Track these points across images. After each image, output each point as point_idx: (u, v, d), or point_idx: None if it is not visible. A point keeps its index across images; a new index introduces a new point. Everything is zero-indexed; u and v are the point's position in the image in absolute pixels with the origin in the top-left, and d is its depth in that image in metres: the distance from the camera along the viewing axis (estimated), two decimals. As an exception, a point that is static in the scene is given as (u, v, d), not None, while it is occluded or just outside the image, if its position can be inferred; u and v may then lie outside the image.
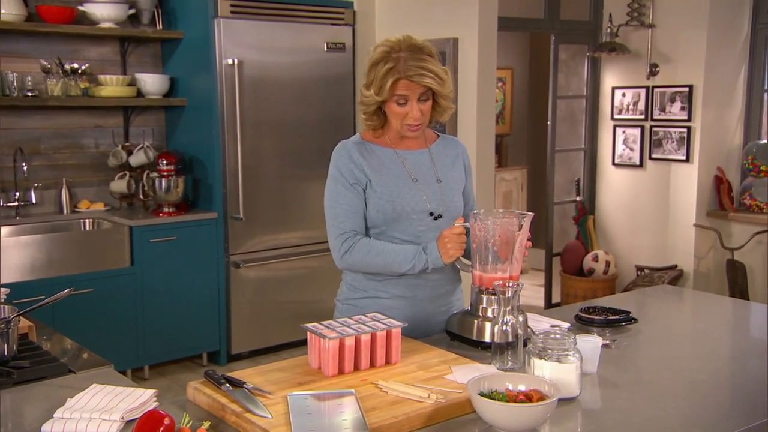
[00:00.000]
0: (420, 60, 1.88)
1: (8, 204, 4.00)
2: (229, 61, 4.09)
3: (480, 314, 1.86)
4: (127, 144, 4.35)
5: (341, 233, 1.96)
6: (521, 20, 5.06)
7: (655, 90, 4.86)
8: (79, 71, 4.04)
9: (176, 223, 4.08)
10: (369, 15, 4.67)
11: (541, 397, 1.40)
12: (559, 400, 1.41)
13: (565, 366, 1.52)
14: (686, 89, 4.68)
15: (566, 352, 1.54)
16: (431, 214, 1.98)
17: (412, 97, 1.90)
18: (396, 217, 1.95)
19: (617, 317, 2.05)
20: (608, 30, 4.89)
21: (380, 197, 1.95)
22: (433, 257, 1.91)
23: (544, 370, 1.52)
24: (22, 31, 3.88)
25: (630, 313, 2.08)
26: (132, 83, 4.25)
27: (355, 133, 2.13)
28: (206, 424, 1.38)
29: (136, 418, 1.37)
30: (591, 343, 1.69)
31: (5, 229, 3.87)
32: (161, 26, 4.30)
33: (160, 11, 4.29)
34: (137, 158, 4.27)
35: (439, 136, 2.12)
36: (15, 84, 3.84)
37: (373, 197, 1.95)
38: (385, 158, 1.99)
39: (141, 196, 4.31)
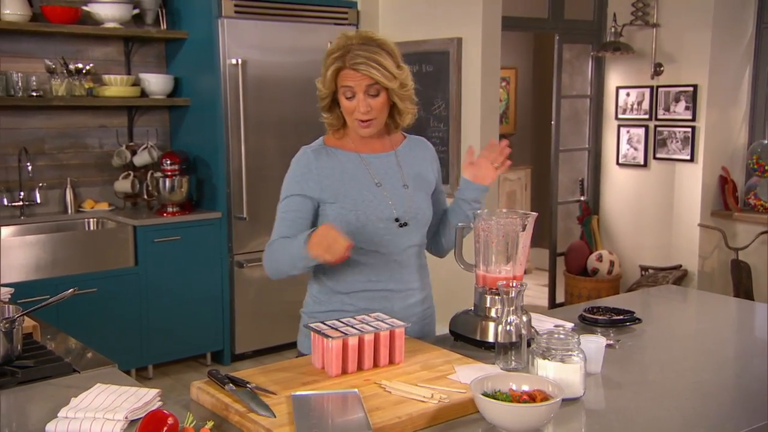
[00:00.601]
0: (369, 51, 1.78)
1: (13, 204, 4.01)
2: (233, 61, 4.09)
3: (484, 314, 1.86)
4: (131, 144, 4.36)
5: (272, 241, 1.87)
6: (525, 20, 5.05)
7: (660, 90, 4.85)
8: (84, 71, 4.05)
9: (180, 222, 4.08)
10: (372, 15, 4.67)
11: (545, 398, 1.40)
12: (563, 400, 1.41)
13: (569, 366, 1.52)
14: (691, 89, 4.67)
15: (570, 353, 1.53)
16: (397, 220, 1.88)
17: (358, 89, 1.80)
18: (360, 226, 1.85)
19: (621, 317, 2.05)
20: (612, 29, 4.88)
21: (343, 206, 1.85)
22: (301, 250, 1.75)
23: (547, 370, 1.52)
24: (27, 31, 3.89)
25: (634, 313, 2.08)
26: (136, 83, 4.25)
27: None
28: (210, 424, 1.38)
29: (139, 418, 1.37)
30: (595, 343, 1.68)
31: (10, 229, 3.88)
32: (165, 26, 4.31)
33: (164, 11, 4.30)
34: (141, 158, 4.28)
35: (406, 137, 2.02)
36: (20, 84, 3.85)
37: (335, 208, 1.86)
38: (347, 164, 1.89)
39: (145, 196, 4.32)
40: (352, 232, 1.83)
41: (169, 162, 4.17)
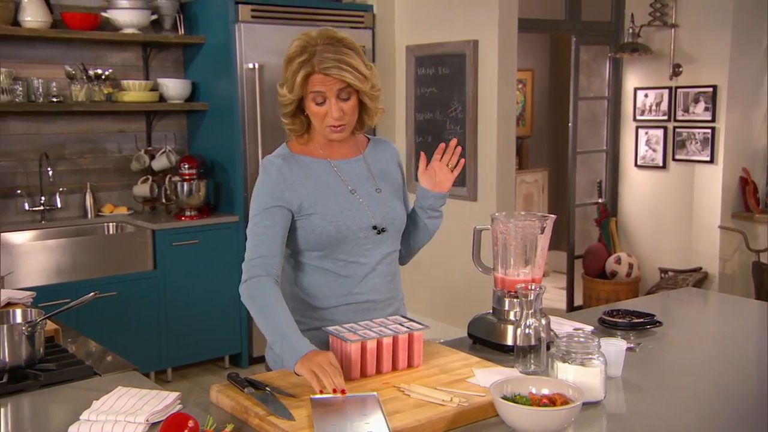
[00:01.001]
0: (337, 53, 1.68)
1: (34, 208, 4.06)
2: (250, 66, 4.12)
3: (502, 317, 1.85)
4: (149, 148, 4.40)
5: (249, 259, 1.74)
6: (542, 21, 5.04)
7: (679, 90, 4.81)
8: (103, 77, 4.09)
9: (198, 226, 4.11)
10: (389, 18, 4.68)
11: (565, 401, 1.39)
12: (584, 404, 1.40)
13: (589, 369, 1.51)
14: (710, 90, 4.62)
15: (590, 356, 1.52)
16: (375, 228, 1.79)
17: (329, 94, 1.70)
18: (341, 238, 1.76)
19: (642, 320, 2.03)
20: (630, 30, 4.85)
21: (323, 218, 1.75)
22: (290, 354, 1.55)
23: (567, 373, 1.51)
24: (47, 37, 3.93)
25: (654, 316, 2.06)
26: (154, 88, 4.29)
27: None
28: (229, 427, 1.38)
29: (160, 421, 1.38)
30: (615, 346, 1.67)
31: (31, 233, 3.92)
32: (183, 31, 4.35)
33: (181, 17, 4.33)
34: (160, 162, 4.31)
35: (369, 139, 1.93)
36: (40, 90, 3.90)
37: (313, 220, 1.75)
38: (320, 172, 1.79)
39: (163, 200, 4.35)
40: (332, 245, 1.76)
41: (187, 166, 4.20)
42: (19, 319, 1.79)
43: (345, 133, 1.78)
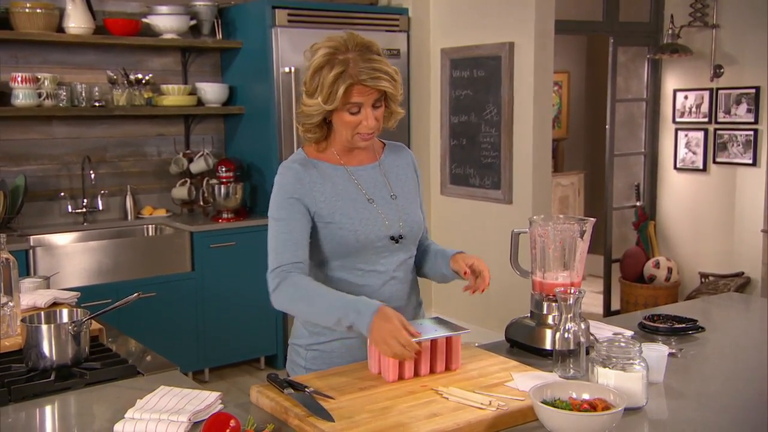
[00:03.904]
0: (371, 61, 1.66)
1: (77, 210, 4.15)
2: (286, 69, 4.16)
3: (540, 321, 1.84)
4: (187, 151, 4.46)
5: (275, 267, 1.70)
6: (579, 23, 4.99)
7: (720, 92, 4.72)
8: (143, 81, 4.17)
9: (235, 228, 4.15)
10: (424, 21, 4.68)
11: (606, 407, 1.37)
12: (625, 409, 1.38)
13: (631, 375, 1.49)
14: (753, 91, 4.53)
15: (631, 361, 1.50)
16: (392, 237, 1.77)
17: (366, 103, 1.68)
18: (360, 247, 1.74)
19: (683, 326, 2.00)
20: (670, 31, 4.77)
21: (341, 227, 1.72)
22: (363, 324, 1.57)
23: (608, 378, 1.49)
24: (90, 43, 4.03)
25: (697, 321, 2.02)
26: (193, 92, 4.36)
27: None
28: (270, 427, 1.40)
29: (202, 420, 1.40)
30: (657, 351, 1.65)
31: (73, 235, 4.01)
32: (221, 36, 4.41)
33: (219, 22, 4.39)
34: (197, 165, 4.38)
35: (385, 144, 1.90)
36: (83, 95, 3.99)
37: (331, 228, 1.72)
38: (337, 179, 1.77)
39: (201, 203, 4.41)
40: (350, 254, 1.74)
41: (224, 169, 4.25)
42: (65, 318, 1.84)
43: (372, 141, 1.77)
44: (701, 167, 4.88)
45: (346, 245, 1.73)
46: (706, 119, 4.82)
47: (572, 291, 1.66)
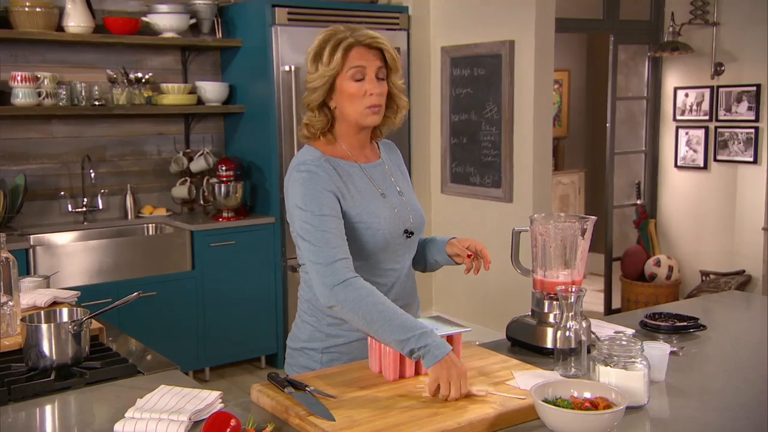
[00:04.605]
0: (374, 34, 1.71)
1: (77, 209, 4.15)
2: (286, 68, 4.15)
3: (542, 319, 1.84)
4: (188, 150, 4.46)
5: (338, 259, 1.60)
6: (579, 21, 4.98)
7: (720, 90, 4.71)
8: (143, 80, 4.16)
9: (235, 227, 4.15)
10: (424, 19, 4.68)
11: (608, 405, 1.37)
12: (627, 408, 1.38)
13: (632, 373, 1.48)
14: (753, 89, 4.52)
15: (633, 359, 1.50)
16: (406, 231, 1.77)
17: (369, 69, 1.67)
18: (385, 246, 1.73)
19: (685, 324, 2.00)
20: (670, 29, 4.77)
21: (368, 227, 1.70)
22: (430, 355, 1.50)
23: (610, 377, 1.49)
24: (90, 42, 4.02)
25: (698, 319, 2.02)
26: (192, 91, 4.35)
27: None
28: (270, 427, 1.39)
29: (203, 419, 1.40)
30: (659, 350, 1.64)
31: (73, 234, 4.01)
32: (220, 35, 4.40)
33: (219, 20, 4.39)
34: (197, 164, 4.37)
35: (377, 142, 1.88)
36: (83, 93, 3.98)
37: (359, 228, 1.70)
38: (355, 177, 1.74)
39: (201, 202, 4.40)
40: (375, 253, 1.72)
41: (224, 168, 4.25)
42: (65, 318, 1.83)
43: (379, 118, 1.73)
44: (702, 165, 4.87)
45: (373, 245, 1.71)
46: (706, 117, 4.81)
47: (573, 289, 1.66)
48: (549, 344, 1.79)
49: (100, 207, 4.21)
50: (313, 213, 1.64)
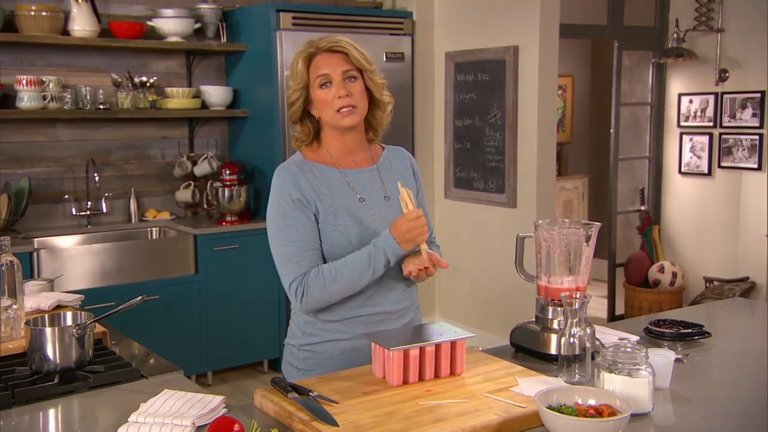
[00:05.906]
0: (338, 39, 1.77)
1: (81, 213, 4.15)
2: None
3: (546, 326, 1.83)
4: (192, 154, 4.46)
5: (296, 277, 1.74)
6: (583, 27, 4.98)
7: (725, 96, 4.71)
8: (148, 84, 4.17)
9: (239, 231, 4.15)
10: (428, 24, 4.68)
11: (613, 412, 1.36)
12: (631, 415, 1.37)
13: (637, 380, 1.48)
14: (758, 95, 4.51)
15: (638, 366, 1.49)
16: None
17: (334, 75, 1.73)
18: (358, 247, 1.77)
19: (690, 331, 1.99)
20: (675, 35, 4.77)
21: (336, 227, 1.76)
22: (391, 249, 1.70)
23: (614, 384, 1.48)
24: (95, 46, 4.03)
25: (703, 326, 2.01)
26: (197, 95, 4.36)
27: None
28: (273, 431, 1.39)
29: (206, 424, 1.40)
30: (664, 357, 1.64)
31: (77, 238, 4.02)
32: (225, 39, 4.41)
33: (224, 25, 4.40)
34: (201, 168, 4.38)
35: (384, 148, 1.93)
36: (88, 97, 3.99)
37: (332, 228, 1.76)
38: (332, 180, 1.80)
39: (205, 206, 4.41)
40: (345, 255, 1.75)
41: (228, 172, 4.25)
42: (69, 321, 1.83)
43: (356, 117, 1.77)
44: (706, 171, 4.86)
45: (339, 248, 1.76)
46: (711, 123, 4.81)
47: (577, 296, 1.66)
48: (553, 351, 1.78)
49: (104, 210, 4.21)
50: (278, 226, 1.78)
